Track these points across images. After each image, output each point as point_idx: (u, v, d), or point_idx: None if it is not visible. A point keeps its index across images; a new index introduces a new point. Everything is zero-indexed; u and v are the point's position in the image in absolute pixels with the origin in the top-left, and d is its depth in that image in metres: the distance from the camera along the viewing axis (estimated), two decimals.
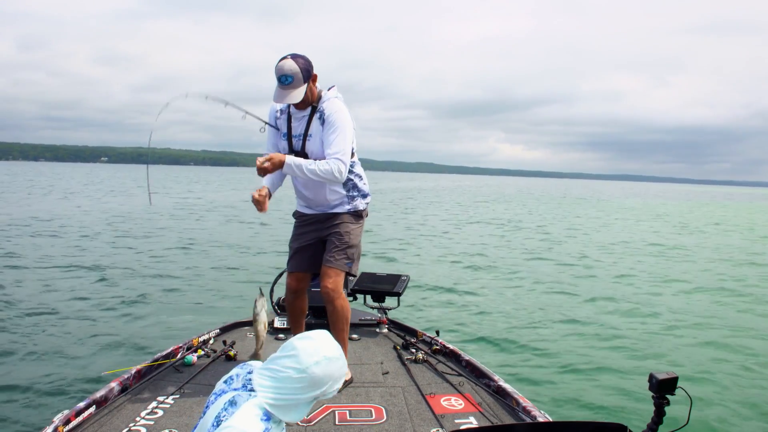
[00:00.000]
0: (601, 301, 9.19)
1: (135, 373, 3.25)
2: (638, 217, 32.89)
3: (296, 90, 3.03)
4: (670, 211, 41.75)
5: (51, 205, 26.06)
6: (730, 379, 5.82)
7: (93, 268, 10.73)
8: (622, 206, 45.37)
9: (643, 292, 10.10)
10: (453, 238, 17.83)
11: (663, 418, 1.74)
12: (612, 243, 17.36)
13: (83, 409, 2.73)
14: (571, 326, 7.64)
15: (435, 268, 11.96)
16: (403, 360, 3.68)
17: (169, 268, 11.00)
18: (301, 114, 3.24)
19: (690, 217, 35.36)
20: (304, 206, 3.46)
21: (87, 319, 7.27)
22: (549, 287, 10.27)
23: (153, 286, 9.39)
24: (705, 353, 6.65)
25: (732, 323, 8.10)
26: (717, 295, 10.15)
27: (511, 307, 8.67)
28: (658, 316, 8.34)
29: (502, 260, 13.44)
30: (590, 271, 12.22)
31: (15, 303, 7.89)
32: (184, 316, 7.55)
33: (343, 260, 3.33)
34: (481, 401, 3.05)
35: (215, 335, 4.04)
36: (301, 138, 3.23)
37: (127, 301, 8.30)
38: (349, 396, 3.14)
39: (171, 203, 29.33)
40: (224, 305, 8.22)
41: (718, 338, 7.28)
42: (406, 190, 63.49)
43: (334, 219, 3.37)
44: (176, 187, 51.64)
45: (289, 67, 3.01)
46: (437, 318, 7.78)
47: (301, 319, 3.64)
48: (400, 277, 4.52)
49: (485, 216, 27.95)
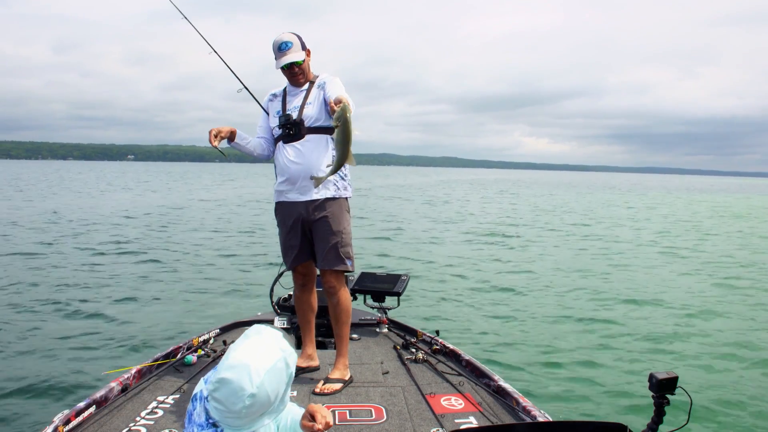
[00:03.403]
0: (601, 301, 9.18)
1: (135, 373, 3.25)
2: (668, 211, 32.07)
3: (297, 52, 3.27)
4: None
5: (68, 200, 26.07)
6: (730, 379, 5.82)
7: (94, 267, 10.74)
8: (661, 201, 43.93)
9: (644, 292, 10.09)
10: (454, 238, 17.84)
11: (663, 418, 1.75)
12: (616, 239, 17.37)
13: (83, 409, 2.73)
14: (571, 326, 7.64)
15: (435, 267, 11.96)
16: (403, 360, 3.68)
17: (170, 269, 11.00)
18: (298, 90, 3.38)
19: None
20: (287, 189, 3.34)
21: (87, 319, 7.27)
22: (549, 287, 10.27)
23: (153, 285, 9.39)
24: (705, 353, 6.64)
25: (732, 323, 8.10)
26: (717, 295, 10.14)
27: (510, 306, 8.67)
28: (658, 316, 8.33)
29: (502, 260, 13.44)
30: (591, 270, 12.22)
31: (14, 303, 7.90)
32: (184, 316, 7.55)
33: (342, 260, 3.34)
34: (481, 401, 3.05)
35: (215, 335, 4.04)
36: (298, 108, 3.31)
37: (127, 300, 8.30)
38: (349, 396, 3.14)
39: (181, 200, 29.35)
40: (224, 305, 8.22)
41: (719, 338, 7.28)
42: (433, 184, 63.34)
43: (320, 207, 3.30)
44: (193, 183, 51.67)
45: (287, 35, 3.27)
46: (437, 318, 7.79)
47: (311, 317, 3.60)
48: (400, 277, 4.52)
49: (482, 216, 27.95)
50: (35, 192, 35.77)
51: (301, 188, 3.30)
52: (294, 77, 3.35)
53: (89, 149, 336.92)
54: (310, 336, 3.61)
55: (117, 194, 35.86)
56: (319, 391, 3.17)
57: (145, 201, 29.58)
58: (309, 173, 3.24)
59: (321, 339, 4.20)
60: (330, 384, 3.22)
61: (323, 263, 3.35)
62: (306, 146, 3.27)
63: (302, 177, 3.27)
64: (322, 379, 3.30)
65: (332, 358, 3.56)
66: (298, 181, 3.29)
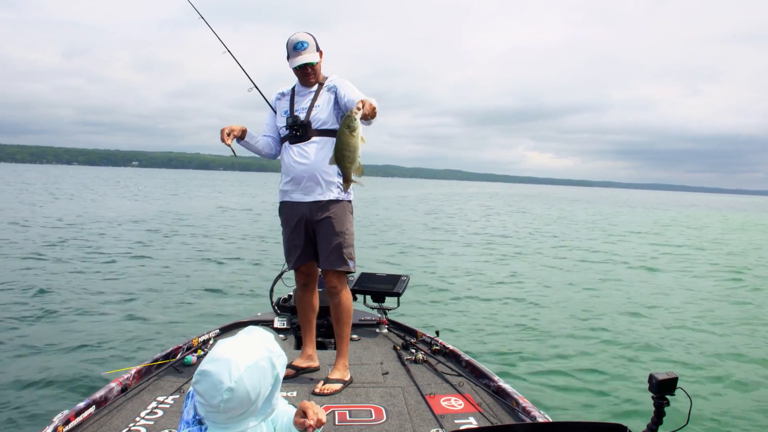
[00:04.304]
0: (601, 301, 9.18)
1: (135, 373, 3.25)
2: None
3: (312, 53, 3.27)
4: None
5: (69, 203, 26.07)
6: (731, 379, 5.82)
7: (93, 267, 10.74)
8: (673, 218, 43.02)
9: (645, 292, 10.10)
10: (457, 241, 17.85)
11: (663, 418, 1.74)
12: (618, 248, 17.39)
13: (83, 409, 2.73)
14: (571, 326, 7.64)
15: (434, 267, 11.96)
16: (403, 360, 3.68)
17: (170, 268, 11.00)
18: (307, 90, 3.38)
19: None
20: (291, 189, 3.35)
21: (87, 319, 7.27)
22: (549, 287, 10.27)
23: (153, 286, 9.39)
24: (705, 353, 6.64)
25: (733, 322, 8.10)
26: (719, 294, 10.15)
27: (510, 306, 8.67)
28: (659, 316, 8.34)
29: (502, 260, 13.45)
30: (590, 270, 12.22)
31: (14, 303, 7.90)
32: (184, 317, 7.55)
33: (345, 260, 3.35)
34: (480, 401, 3.05)
35: (215, 335, 4.04)
36: (306, 109, 3.32)
37: (127, 301, 8.29)
38: (349, 396, 3.14)
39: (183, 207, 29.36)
40: (224, 305, 8.22)
41: (719, 338, 7.28)
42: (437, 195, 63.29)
43: (324, 208, 3.30)
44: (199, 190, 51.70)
45: (303, 35, 3.27)
46: (437, 318, 7.78)
47: (312, 317, 3.60)
48: (400, 278, 4.52)
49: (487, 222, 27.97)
50: (36, 196, 35.78)
51: (306, 189, 3.30)
52: (306, 77, 3.34)
53: (94, 155, 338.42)
54: (311, 336, 3.61)
55: (118, 199, 35.88)
56: (318, 392, 3.17)
57: (146, 205, 29.60)
58: (314, 174, 3.25)
59: (321, 339, 4.20)
60: (330, 384, 3.22)
61: (325, 264, 3.35)
62: (312, 147, 3.27)
63: (307, 177, 3.28)
64: (322, 379, 3.30)
65: (332, 358, 3.56)
66: (302, 182, 3.30)
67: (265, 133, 3.51)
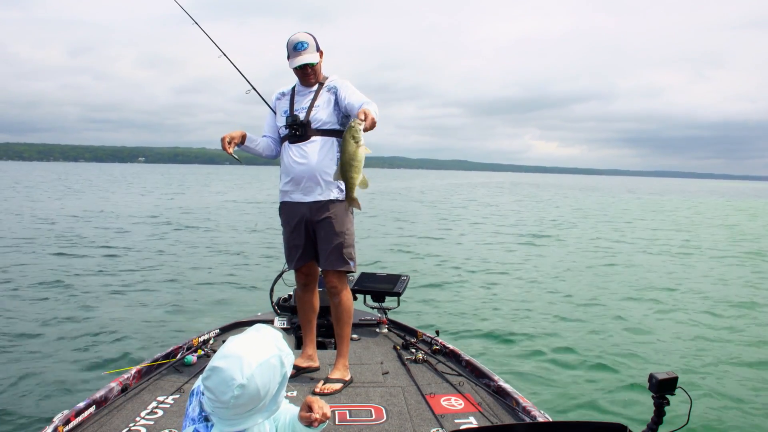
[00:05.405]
0: (601, 301, 9.18)
1: (135, 373, 3.25)
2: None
3: (312, 53, 3.28)
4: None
5: (70, 201, 26.07)
6: (731, 379, 5.82)
7: (94, 267, 10.74)
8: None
9: (646, 291, 10.09)
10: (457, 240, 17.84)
11: (663, 418, 1.75)
12: (620, 239, 17.37)
13: (83, 409, 2.73)
14: (572, 326, 7.64)
15: (435, 266, 11.96)
16: (403, 360, 3.68)
17: (171, 269, 11.00)
18: (307, 90, 3.39)
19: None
20: (291, 189, 3.36)
21: (87, 319, 7.26)
22: (549, 287, 10.26)
23: (153, 285, 9.39)
24: (705, 353, 6.64)
25: (734, 323, 8.09)
26: (720, 294, 10.14)
27: (511, 306, 8.66)
28: (659, 316, 8.33)
29: (502, 260, 13.44)
30: (590, 270, 12.21)
31: (14, 303, 7.90)
32: (184, 316, 7.55)
33: (345, 260, 3.36)
34: (481, 401, 3.05)
35: (215, 335, 4.04)
36: (306, 109, 3.32)
37: (127, 300, 8.30)
38: (349, 396, 3.14)
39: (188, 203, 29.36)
40: (224, 305, 8.22)
41: (719, 338, 7.28)
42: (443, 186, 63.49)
43: (324, 208, 3.31)
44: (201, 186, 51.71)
45: (303, 35, 3.28)
46: (437, 318, 7.78)
47: (312, 317, 3.60)
48: (400, 277, 4.52)
49: (480, 217, 27.96)
50: (42, 192, 35.77)
51: (306, 189, 3.30)
52: (306, 77, 3.35)
53: (101, 151, 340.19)
54: (311, 336, 3.61)
55: (119, 196, 35.86)
56: (319, 391, 3.17)
57: (148, 203, 29.60)
58: (313, 174, 3.25)
59: (321, 339, 4.20)
60: (330, 384, 3.23)
61: (326, 264, 3.35)
62: (311, 147, 3.28)
63: (306, 178, 3.28)
64: (322, 379, 3.31)
65: (332, 358, 3.56)
66: (302, 182, 3.30)
67: (265, 134, 3.53)
